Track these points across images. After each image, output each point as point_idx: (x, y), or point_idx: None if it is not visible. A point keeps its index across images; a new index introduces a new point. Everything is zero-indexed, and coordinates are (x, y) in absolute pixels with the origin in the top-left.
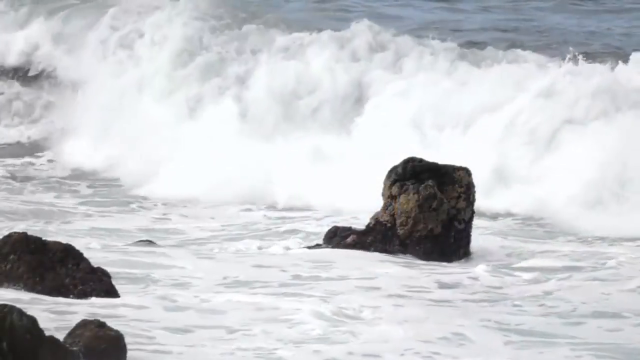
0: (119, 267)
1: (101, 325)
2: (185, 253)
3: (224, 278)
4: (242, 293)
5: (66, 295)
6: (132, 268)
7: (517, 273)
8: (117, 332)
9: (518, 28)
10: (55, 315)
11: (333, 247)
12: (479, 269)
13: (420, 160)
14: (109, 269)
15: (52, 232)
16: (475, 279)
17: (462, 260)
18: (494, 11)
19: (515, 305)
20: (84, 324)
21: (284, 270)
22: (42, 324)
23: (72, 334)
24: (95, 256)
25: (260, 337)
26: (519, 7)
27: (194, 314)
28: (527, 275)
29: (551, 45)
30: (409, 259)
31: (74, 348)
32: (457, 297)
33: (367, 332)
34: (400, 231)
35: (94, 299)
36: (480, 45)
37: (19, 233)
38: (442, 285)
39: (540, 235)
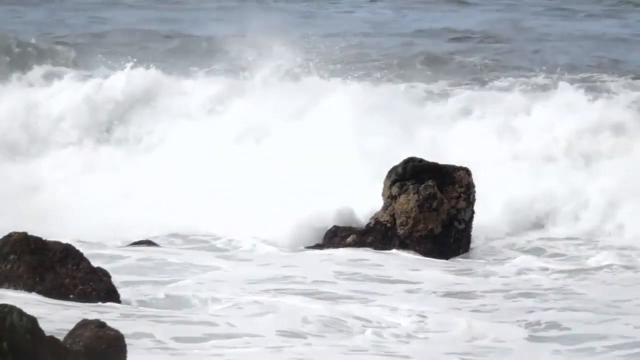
0: (118, 267)
1: (101, 325)
2: (187, 252)
3: (230, 278)
4: (249, 293)
5: (66, 295)
6: (132, 268)
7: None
8: (117, 332)
9: None
10: (56, 315)
11: (329, 247)
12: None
13: (420, 161)
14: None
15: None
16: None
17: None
18: None
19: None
20: (84, 324)
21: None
22: (42, 324)
23: (72, 334)
24: (95, 256)
25: (266, 338)
26: None
27: (194, 314)
28: (538, 274)
29: None
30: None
31: (74, 348)
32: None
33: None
34: (400, 231)
35: (94, 299)
36: None
37: (19, 233)
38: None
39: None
